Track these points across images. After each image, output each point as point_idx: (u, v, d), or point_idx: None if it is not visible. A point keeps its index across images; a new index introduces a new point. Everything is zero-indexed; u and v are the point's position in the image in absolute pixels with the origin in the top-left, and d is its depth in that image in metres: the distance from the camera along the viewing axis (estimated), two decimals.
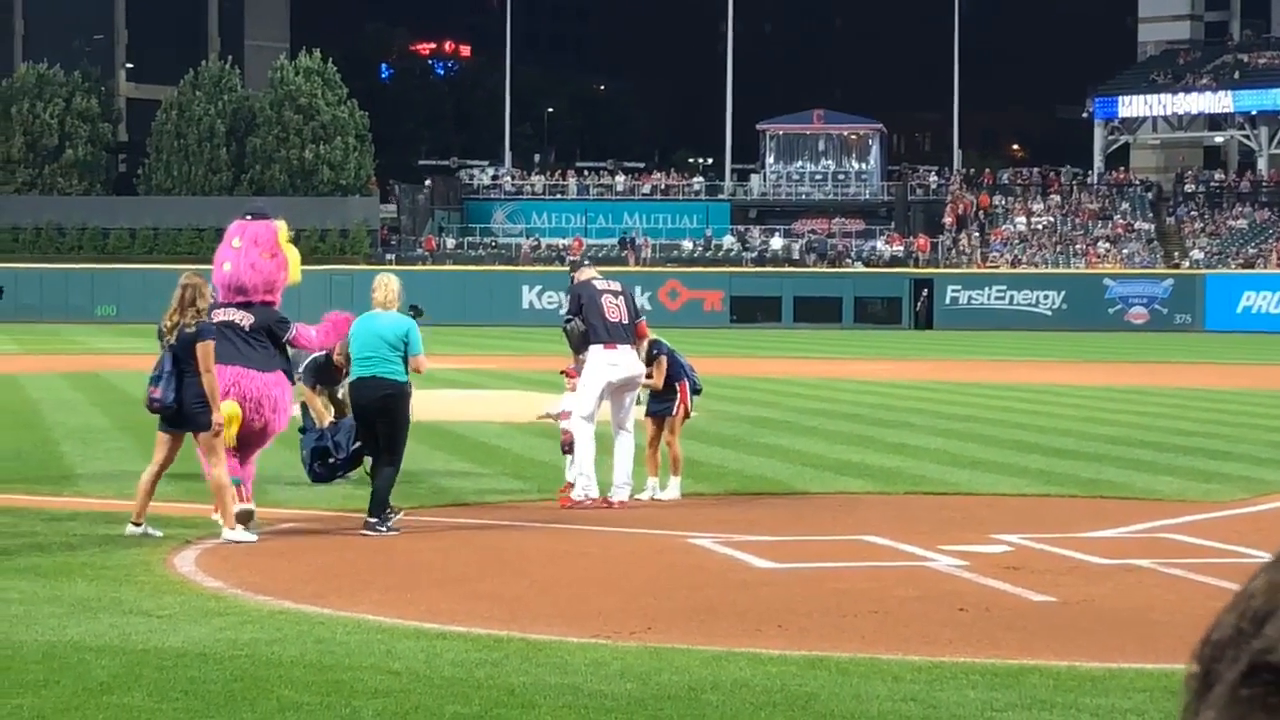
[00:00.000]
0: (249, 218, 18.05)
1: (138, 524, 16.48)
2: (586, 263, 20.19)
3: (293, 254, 18.24)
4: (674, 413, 20.17)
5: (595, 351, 19.24)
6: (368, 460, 20.44)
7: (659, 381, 20.10)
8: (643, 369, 19.69)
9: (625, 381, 19.41)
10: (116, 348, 58.70)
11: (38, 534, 16.51)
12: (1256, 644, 1.59)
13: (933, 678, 10.76)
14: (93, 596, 13.32)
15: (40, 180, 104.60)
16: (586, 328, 19.30)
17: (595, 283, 19.74)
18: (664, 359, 20.24)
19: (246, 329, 17.39)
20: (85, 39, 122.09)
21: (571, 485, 19.28)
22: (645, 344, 20.05)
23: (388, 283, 17.92)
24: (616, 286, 19.91)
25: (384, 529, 17.08)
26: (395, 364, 17.41)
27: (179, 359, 16.43)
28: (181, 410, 16.43)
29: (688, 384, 20.43)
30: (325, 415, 21.00)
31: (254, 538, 16.43)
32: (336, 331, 18.79)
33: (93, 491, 20.12)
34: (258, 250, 17.70)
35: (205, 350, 16.41)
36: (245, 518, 16.58)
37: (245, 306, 17.54)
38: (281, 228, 18.07)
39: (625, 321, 19.45)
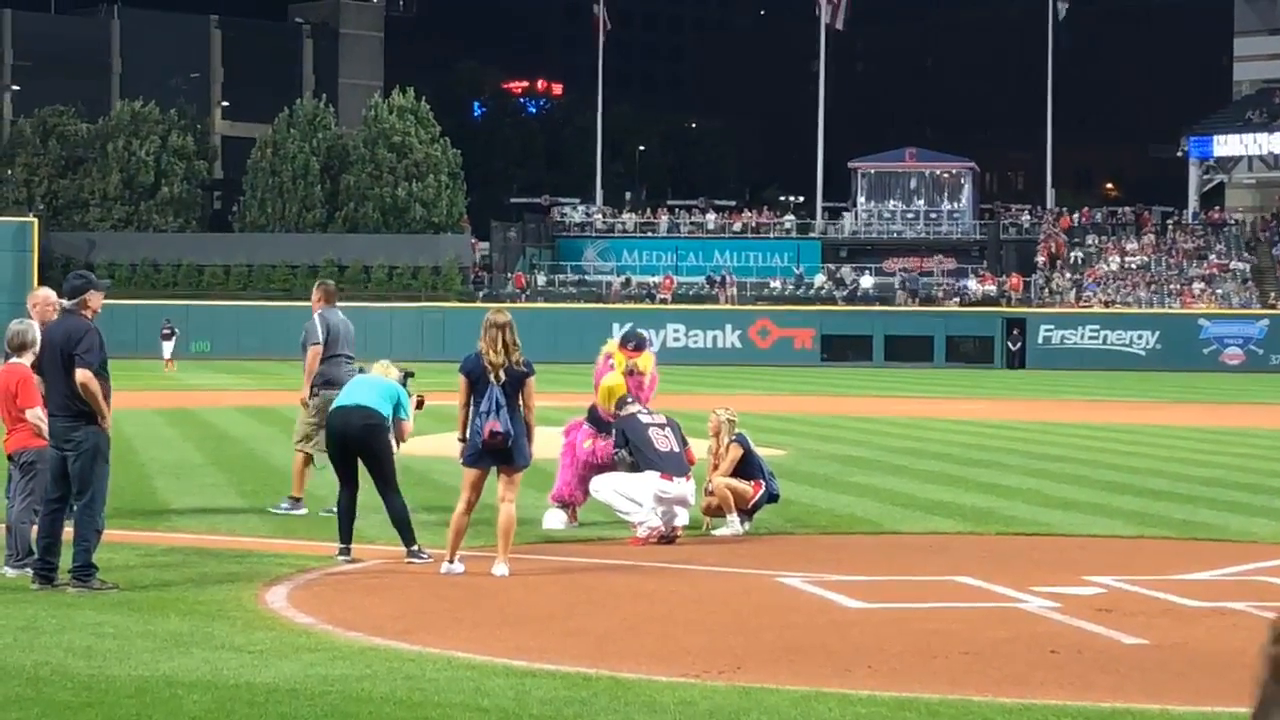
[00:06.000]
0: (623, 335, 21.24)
1: (450, 562, 16.81)
2: (630, 399, 20.32)
3: (617, 384, 20.30)
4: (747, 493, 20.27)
5: (650, 475, 19.45)
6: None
7: (726, 470, 20.18)
8: (693, 496, 19.79)
9: (675, 500, 19.57)
10: (210, 384, 59.15)
11: (131, 568, 16.61)
12: None
13: None
14: (185, 631, 13.38)
15: (136, 217, 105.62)
16: (635, 459, 19.64)
17: (640, 416, 20.02)
18: (735, 446, 20.33)
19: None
20: (181, 77, 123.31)
21: (634, 526, 19.43)
22: (726, 440, 20.55)
23: (388, 368, 18.35)
24: (661, 419, 20.12)
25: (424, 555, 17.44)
26: (383, 405, 17.73)
27: (508, 395, 16.59)
28: (510, 443, 16.60)
29: (763, 485, 20.43)
30: None
31: (461, 569, 16.71)
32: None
33: (186, 527, 20.23)
34: (603, 355, 20.67)
35: (530, 387, 16.69)
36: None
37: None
38: (619, 360, 20.37)
39: (676, 450, 19.73)
